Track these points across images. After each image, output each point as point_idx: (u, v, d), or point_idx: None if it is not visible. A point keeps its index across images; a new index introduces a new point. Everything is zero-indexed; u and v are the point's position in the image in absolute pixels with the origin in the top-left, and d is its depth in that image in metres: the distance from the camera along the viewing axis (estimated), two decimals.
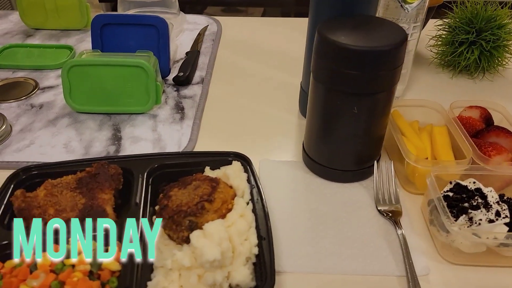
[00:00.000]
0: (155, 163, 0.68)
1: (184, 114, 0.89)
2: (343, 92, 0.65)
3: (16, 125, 0.85)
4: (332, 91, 0.66)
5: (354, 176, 0.73)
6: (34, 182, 0.66)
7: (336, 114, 0.67)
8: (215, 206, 0.60)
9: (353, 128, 0.68)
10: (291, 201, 0.70)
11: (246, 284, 0.55)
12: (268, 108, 0.93)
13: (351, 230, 0.65)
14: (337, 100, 0.66)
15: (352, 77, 0.63)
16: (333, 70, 0.64)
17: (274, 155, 0.80)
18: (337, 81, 0.64)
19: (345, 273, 0.59)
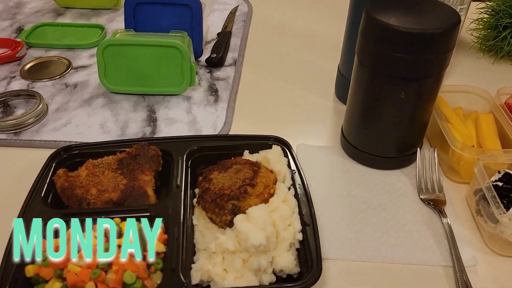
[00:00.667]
0: (194, 145, 0.68)
1: (218, 96, 0.88)
2: (390, 76, 0.62)
3: (52, 104, 0.85)
4: (378, 75, 0.64)
5: (395, 163, 0.72)
6: (74, 162, 0.66)
7: (381, 99, 0.65)
8: (257, 190, 0.59)
9: (398, 114, 0.66)
10: (331, 187, 0.69)
11: (290, 270, 0.54)
12: (303, 92, 0.91)
13: (394, 218, 0.64)
14: (383, 84, 0.63)
15: (401, 61, 0.60)
16: (381, 53, 0.61)
17: (310, 140, 0.78)
18: (384, 64, 0.62)
19: (389, 262, 0.58)
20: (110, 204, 0.59)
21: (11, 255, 0.51)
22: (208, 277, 0.53)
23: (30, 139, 0.76)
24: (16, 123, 0.78)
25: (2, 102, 0.85)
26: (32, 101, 0.85)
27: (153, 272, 0.52)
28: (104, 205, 0.59)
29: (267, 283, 0.53)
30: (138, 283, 0.49)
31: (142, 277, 0.50)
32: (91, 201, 0.59)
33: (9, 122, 0.77)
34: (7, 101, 0.85)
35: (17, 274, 0.50)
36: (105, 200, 0.59)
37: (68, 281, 0.49)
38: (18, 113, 0.82)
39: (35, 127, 0.79)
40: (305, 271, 0.53)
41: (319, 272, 0.50)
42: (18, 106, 0.84)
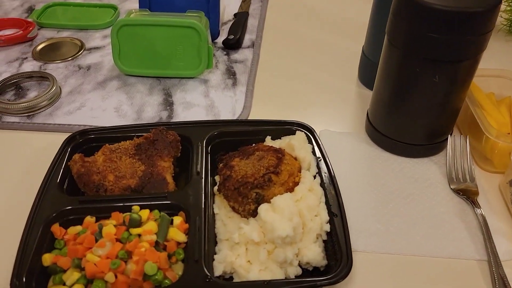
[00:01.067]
0: (214, 131, 0.65)
1: (236, 79, 0.85)
2: (424, 58, 0.58)
3: (65, 86, 0.82)
4: (410, 57, 0.60)
5: (424, 151, 0.68)
6: (90, 146, 0.63)
7: (413, 83, 0.61)
8: (282, 178, 0.56)
9: (430, 99, 0.62)
10: (356, 175, 0.66)
11: (317, 263, 0.51)
12: (324, 75, 0.87)
13: (424, 209, 0.61)
14: (416, 67, 0.59)
15: (437, 42, 0.56)
16: (415, 33, 0.57)
17: (333, 126, 0.75)
18: (417, 45, 0.58)
19: (419, 255, 0.55)
20: (128, 191, 0.57)
21: (27, 244, 0.49)
22: (231, 268, 0.51)
23: (43, 122, 0.74)
24: (29, 106, 0.75)
25: (14, 84, 0.82)
26: (44, 83, 0.83)
27: (174, 262, 0.50)
28: (121, 192, 0.57)
29: (293, 276, 0.51)
30: (160, 275, 0.47)
31: (163, 268, 0.48)
32: (109, 187, 0.57)
33: (22, 105, 0.75)
34: (19, 83, 0.83)
35: (33, 263, 0.48)
36: (123, 186, 0.57)
37: (87, 272, 0.47)
38: (30, 95, 0.80)
39: (49, 110, 0.77)
40: (333, 264, 0.50)
41: (350, 266, 0.48)
42: (31, 88, 0.82)
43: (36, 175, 0.59)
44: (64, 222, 0.53)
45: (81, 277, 0.47)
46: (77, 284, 0.47)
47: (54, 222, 0.52)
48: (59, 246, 0.51)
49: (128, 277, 0.47)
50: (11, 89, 0.82)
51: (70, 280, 0.47)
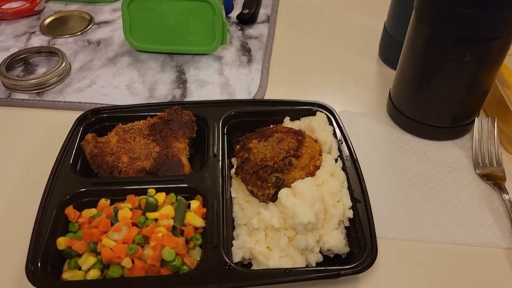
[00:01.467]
0: (231, 111, 0.62)
1: (251, 56, 0.82)
2: (455, 36, 0.55)
3: (75, 62, 0.80)
4: (440, 34, 0.56)
5: (449, 133, 0.65)
6: (103, 126, 0.61)
7: (441, 62, 0.58)
8: (303, 162, 0.54)
9: (459, 79, 0.59)
10: (378, 158, 0.63)
11: (339, 250, 0.50)
12: (343, 52, 0.84)
13: (449, 195, 0.59)
14: (446, 45, 0.56)
15: (469, 18, 0.53)
16: (446, 9, 0.54)
17: (353, 106, 0.72)
18: (448, 22, 0.54)
19: (444, 242, 0.54)
20: (143, 173, 0.55)
21: (41, 227, 0.48)
22: (250, 254, 0.49)
23: (54, 100, 0.72)
24: (38, 83, 0.73)
25: (23, 60, 0.80)
26: (53, 58, 0.80)
27: (192, 248, 0.49)
28: (136, 174, 0.55)
29: (313, 263, 0.49)
30: (178, 261, 0.46)
31: (181, 253, 0.47)
32: (123, 169, 0.55)
33: (31, 81, 0.72)
34: (27, 59, 0.80)
35: (48, 247, 0.47)
36: (138, 168, 0.55)
37: (103, 257, 0.45)
38: (39, 71, 0.78)
39: (58, 87, 0.74)
40: (356, 252, 0.48)
41: (374, 255, 0.46)
42: (40, 64, 0.79)
43: (48, 155, 0.57)
44: (78, 205, 0.51)
45: (97, 262, 0.46)
46: (93, 269, 0.45)
47: (68, 205, 0.51)
48: (73, 229, 0.50)
49: (145, 263, 0.46)
50: (19, 64, 0.79)
51: (86, 264, 0.46)
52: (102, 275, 0.46)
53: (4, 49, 0.82)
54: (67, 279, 0.46)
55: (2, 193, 0.58)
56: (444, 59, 0.57)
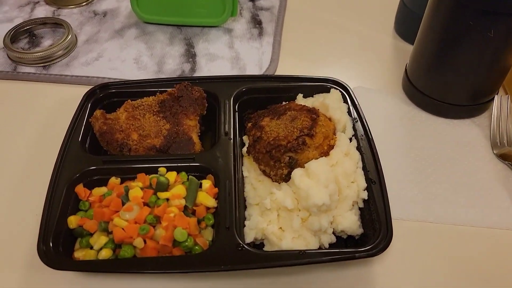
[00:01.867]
0: (242, 87, 0.60)
1: (263, 29, 0.79)
2: (479, 9, 0.52)
3: (81, 34, 0.78)
4: (463, 8, 0.53)
5: (466, 112, 0.63)
6: (111, 101, 0.60)
7: (463, 37, 0.55)
8: (317, 141, 0.52)
9: (481, 56, 0.56)
10: (393, 137, 0.62)
11: (353, 231, 0.49)
12: (357, 25, 0.81)
13: (465, 175, 0.57)
14: (469, 19, 0.53)
15: None
16: None
17: (367, 82, 0.70)
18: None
19: (459, 224, 0.53)
20: (153, 151, 0.54)
21: (52, 206, 0.47)
22: (262, 235, 0.49)
23: (60, 73, 0.70)
24: (44, 56, 0.71)
25: (27, 31, 0.78)
26: (59, 30, 0.78)
27: (204, 228, 0.48)
28: (146, 151, 0.54)
29: (326, 244, 0.48)
30: (190, 241, 0.45)
31: (193, 234, 0.46)
32: (133, 147, 0.54)
33: (37, 54, 0.71)
34: (32, 30, 0.78)
35: (59, 226, 0.46)
36: (148, 146, 0.54)
37: (115, 236, 0.45)
38: (45, 44, 0.76)
39: (65, 60, 0.73)
40: (371, 234, 0.47)
41: (390, 238, 0.45)
42: (45, 36, 0.77)
43: (56, 131, 0.56)
44: (88, 183, 0.51)
45: (108, 241, 0.46)
46: (105, 249, 0.45)
47: (78, 183, 0.50)
48: (84, 207, 0.49)
49: (157, 243, 0.45)
50: (24, 36, 0.77)
51: (98, 244, 0.45)
52: (114, 254, 0.45)
53: (8, 20, 0.80)
54: (79, 258, 0.46)
55: (11, 171, 0.58)
56: (466, 35, 0.55)
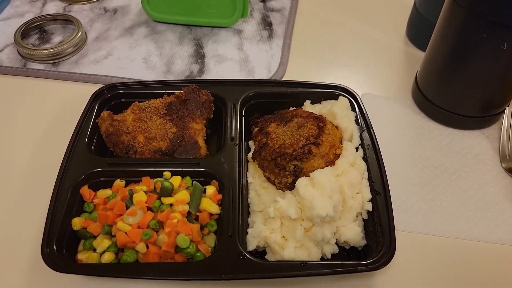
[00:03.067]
0: (250, 91, 0.60)
1: (273, 31, 0.78)
2: (493, 22, 0.51)
3: (91, 31, 0.78)
4: (477, 19, 0.52)
5: (476, 123, 0.62)
6: (119, 102, 0.60)
7: (476, 49, 0.54)
8: (323, 150, 0.52)
9: (493, 68, 0.55)
10: (399, 146, 0.61)
11: (356, 243, 0.49)
12: (369, 29, 0.80)
13: (472, 188, 0.57)
14: (483, 31, 0.52)
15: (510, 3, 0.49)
16: None
17: (376, 89, 0.69)
18: (488, 6, 0.50)
19: (465, 238, 0.52)
20: (159, 154, 0.54)
21: (56, 207, 0.48)
22: (264, 243, 0.49)
23: (69, 71, 0.70)
24: (54, 53, 0.71)
25: (38, 27, 0.78)
26: (69, 27, 0.78)
27: (206, 234, 0.48)
28: (152, 154, 0.54)
29: (329, 254, 0.48)
30: (192, 248, 0.45)
31: (195, 240, 0.46)
32: (138, 149, 0.54)
33: (47, 51, 0.71)
34: (43, 26, 0.78)
35: (63, 227, 0.47)
36: (153, 149, 0.54)
37: (118, 241, 0.45)
38: (55, 40, 0.76)
39: (74, 57, 0.73)
40: (374, 246, 0.47)
41: (392, 252, 0.45)
42: (55, 32, 0.77)
43: (63, 130, 0.57)
44: (93, 184, 0.51)
45: (111, 245, 0.46)
46: (107, 252, 0.45)
47: (83, 184, 0.50)
48: (88, 209, 0.49)
49: (160, 248, 0.45)
50: (34, 32, 0.77)
51: (101, 247, 0.46)
52: (116, 258, 0.46)
53: (20, 14, 0.80)
54: (82, 259, 0.46)
55: (17, 169, 0.58)
56: (479, 46, 0.54)
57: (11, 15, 0.80)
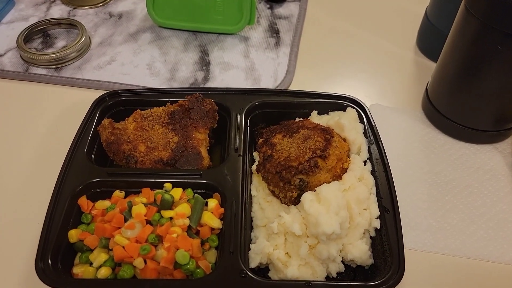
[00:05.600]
0: (255, 100, 0.58)
1: (280, 38, 0.77)
2: (508, 33, 0.49)
3: (95, 36, 0.77)
4: (492, 30, 0.50)
5: (489, 137, 0.60)
6: (120, 110, 0.59)
7: (490, 61, 0.52)
8: (329, 164, 0.50)
9: (508, 81, 0.53)
10: (410, 160, 0.59)
11: (363, 261, 0.47)
12: (378, 39, 0.78)
13: (484, 205, 0.54)
14: (497, 43, 0.50)
15: None
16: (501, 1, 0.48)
17: (384, 99, 0.68)
18: (502, 16, 0.49)
19: (476, 258, 0.50)
20: (160, 164, 0.52)
21: (53, 218, 0.46)
22: (267, 260, 0.47)
23: (72, 76, 0.69)
24: (57, 58, 0.70)
25: (42, 31, 0.77)
26: (73, 31, 0.77)
27: (207, 249, 0.46)
28: (153, 165, 0.52)
29: (334, 273, 0.46)
30: (192, 264, 0.44)
31: (195, 256, 0.44)
32: (139, 159, 0.52)
33: (50, 56, 0.70)
34: (46, 30, 0.77)
35: (59, 239, 0.45)
36: (155, 159, 0.53)
37: (115, 255, 0.43)
38: (59, 44, 0.75)
39: (77, 62, 0.72)
40: (381, 265, 0.45)
41: (401, 273, 0.43)
42: (59, 36, 0.76)
43: (63, 137, 0.55)
44: (92, 195, 0.50)
45: (108, 259, 0.44)
46: (104, 267, 0.44)
47: (82, 195, 0.49)
48: (86, 220, 0.48)
49: (158, 264, 0.44)
50: (38, 36, 0.76)
51: (97, 261, 0.44)
52: (113, 273, 0.44)
53: (23, 18, 0.79)
54: (78, 273, 0.44)
55: (15, 176, 0.57)
56: (493, 57, 0.52)
57: (15, 19, 0.79)
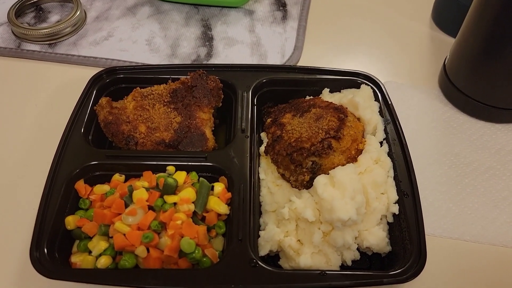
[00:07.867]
0: (263, 78, 0.55)
1: (287, 12, 0.72)
2: None
3: (91, 10, 0.72)
4: None
5: (510, 116, 0.57)
6: (119, 88, 0.55)
7: None
8: (344, 145, 0.47)
9: None
10: (427, 140, 0.56)
11: (380, 249, 0.44)
12: (391, 12, 0.74)
13: (507, 188, 0.51)
14: None
15: None
16: None
17: (398, 76, 0.64)
18: None
19: (499, 245, 0.47)
20: (162, 146, 0.49)
21: (48, 204, 0.43)
22: (278, 247, 0.44)
23: (67, 53, 0.65)
24: (51, 33, 0.66)
25: (34, 5, 0.72)
26: (68, 5, 0.73)
27: (214, 237, 0.43)
28: (154, 146, 0.49)
29: (349, 261, 0.44)
30: (198, 253, 0.41)
31: (201, 244, 0.41)
32: (140, 140, 0.49)
33: (44, 31, 0.66)
34: (39, 4, 0.73)
35: (56, 226, 0.42)
36: (156, 140, 0.49)
37: (116, 244, 0.41)
38: (52, 19, 0.70)
39: (72, 38, 0.67)
40: (400, 253, 0.42)
41: (423, 262, 0.40)
42: (52, 10, 0.72)
43: (59, 117, 0.52)
44: (89, 179, 0.46)
45: (108, 248, 0.41)
46: (104, 256, 0.41)
47: (79, 179, 0.46)
48: (84, 206, 0.45)
49: (162, 253, 0.41)
50: (30, 10, 0.72)
51: (97, 249, 0.41)
52: (113, 262, 0.41)
53: None
54: (76, 263, 0.42)
55: (8, 159, 0.54)
56: None
57: None
